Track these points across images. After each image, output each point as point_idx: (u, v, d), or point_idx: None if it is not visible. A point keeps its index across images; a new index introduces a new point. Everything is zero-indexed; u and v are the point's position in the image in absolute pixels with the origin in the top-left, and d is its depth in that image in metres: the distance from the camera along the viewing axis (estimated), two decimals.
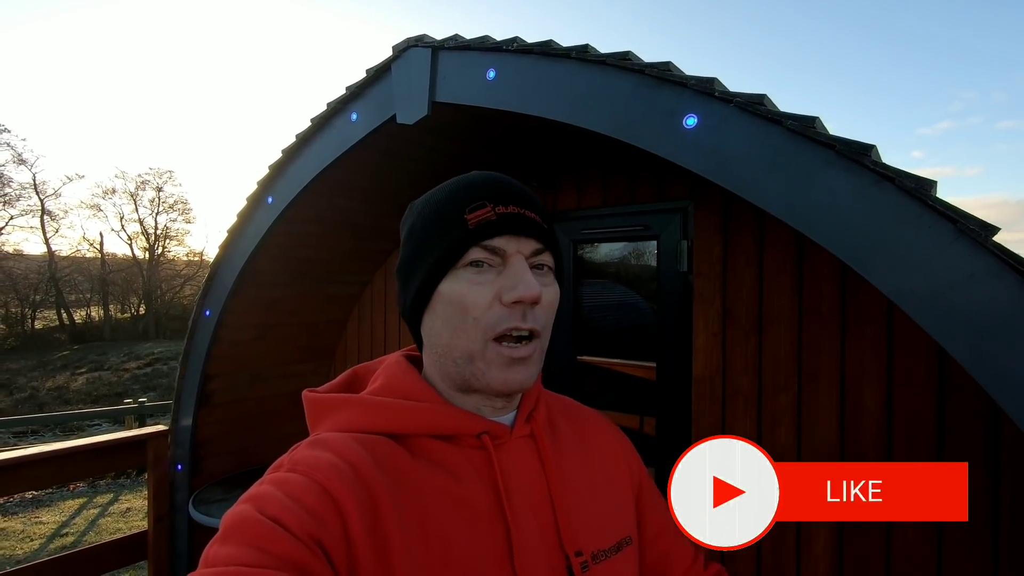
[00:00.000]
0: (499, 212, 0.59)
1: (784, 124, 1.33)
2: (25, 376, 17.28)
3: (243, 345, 2.93)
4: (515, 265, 0.59)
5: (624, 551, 0.66)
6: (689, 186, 2.26)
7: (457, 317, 0.59)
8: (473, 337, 0.58)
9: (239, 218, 2.71)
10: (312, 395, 0.66)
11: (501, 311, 0.58)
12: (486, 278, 0.59)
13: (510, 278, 0.58)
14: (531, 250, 0.60)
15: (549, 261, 0.63)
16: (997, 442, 1.63)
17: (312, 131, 2.46)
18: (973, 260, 1.12)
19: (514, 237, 0.59)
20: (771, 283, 2.06)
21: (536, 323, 0.59)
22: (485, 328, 0.58)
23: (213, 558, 0.46)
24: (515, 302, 0.58)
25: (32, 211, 23.85)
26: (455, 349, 0.60)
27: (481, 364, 0.59)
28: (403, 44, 2.14)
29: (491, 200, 0.60)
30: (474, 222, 0.59)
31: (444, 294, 0.59)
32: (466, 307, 0.58)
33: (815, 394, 1.95)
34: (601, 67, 1.64)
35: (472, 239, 0.58)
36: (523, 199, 0.62)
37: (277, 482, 0.52)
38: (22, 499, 5.75)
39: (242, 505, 0.50)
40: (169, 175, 28.51)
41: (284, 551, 0.46)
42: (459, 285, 0.59)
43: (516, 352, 0.59)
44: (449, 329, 0.60)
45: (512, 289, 0.58)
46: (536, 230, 0.61)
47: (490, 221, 0.59)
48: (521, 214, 0.60)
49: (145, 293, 25.39)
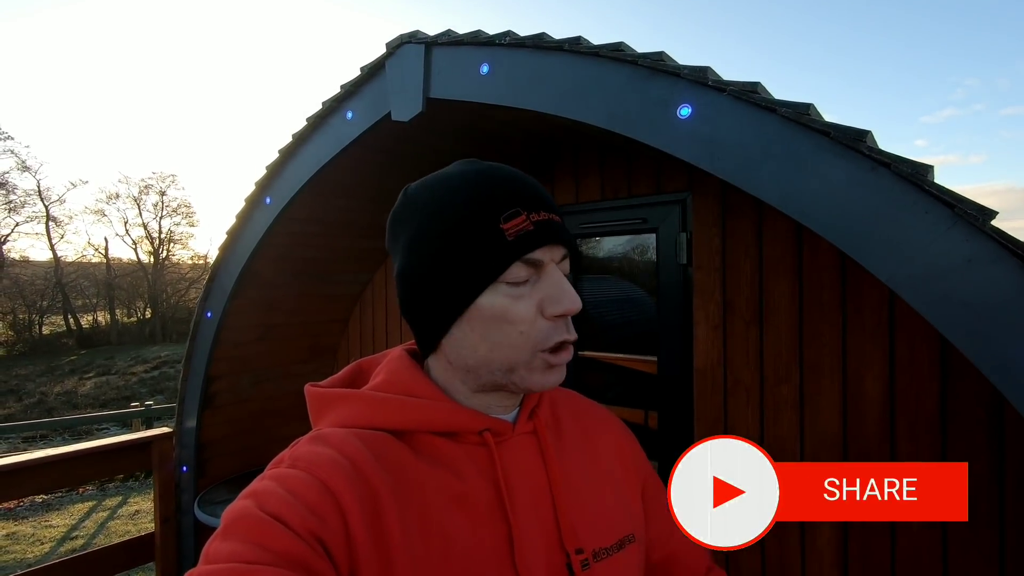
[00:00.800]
0: (534, 220, 0.57)
1: (778, 112, 1.32)
2: (34, 381, 17.42)
3: (245, 346, 2.93)
4: (554, 276, 0.59)
5: (626, 549, 0.65)
6: (687, 177, 2.24)
7: (500, 332, 0.57)
8: (518, 350, 0.58)
9: (238, 219, 2.71)
10: (314, 389, 0.65)
11: (546, 324, 0.58)
12: (524, 290, 0.58)
13: (554, 290, 0.58)
14: (560, 256, 0.60)
15: (568, 267, 0.62)
16: (1000, 429, 1.61)
17: (308, 130, 2.46)
18: (971, 245, 1.11)
19: (549, 247, 0.58)
20: (771, 274, 2.04)
21: (574, 332, 0.60)
22: (535, 342, 0.57)
23: (214, 554, 0.46)
24: (558, 316, 0.57)
25: (37, 217, 24.08)
26: (494, 362, 0.58)
27: (524, 372, 0.59)
28: (396, 41, 2.13)
29: (524, 207, 0.57)
30: (512, 234, 0.56)
31: (484, 309, 0.57)
32: (511, 321, 0.57)
33: (817, 384, 1.94)
34: (594, 59, 1.63)
35: (514, 254, 0.56)
36: (549, 201, 0.60)
37: (277, 478, 0.52)
38: (32, 503, 5.81)
39: (242, 501, 0.50)
40: (172, 179, 28.78)
41: (284, 547, 0.46)
42: (500, 300, 0.57)
43: (559, 359, 0.59)
44: (489, 343, 0.58)
45: (558, 303, 0.57)
46: (565, 236, 0.59)
47: (529, 232, 0.56)
48: (551, 220, 0.58)
49: (150, 297, 25.54)
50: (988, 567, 1.62)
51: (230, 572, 0.43)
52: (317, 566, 0.46)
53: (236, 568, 0.44)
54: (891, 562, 1.76)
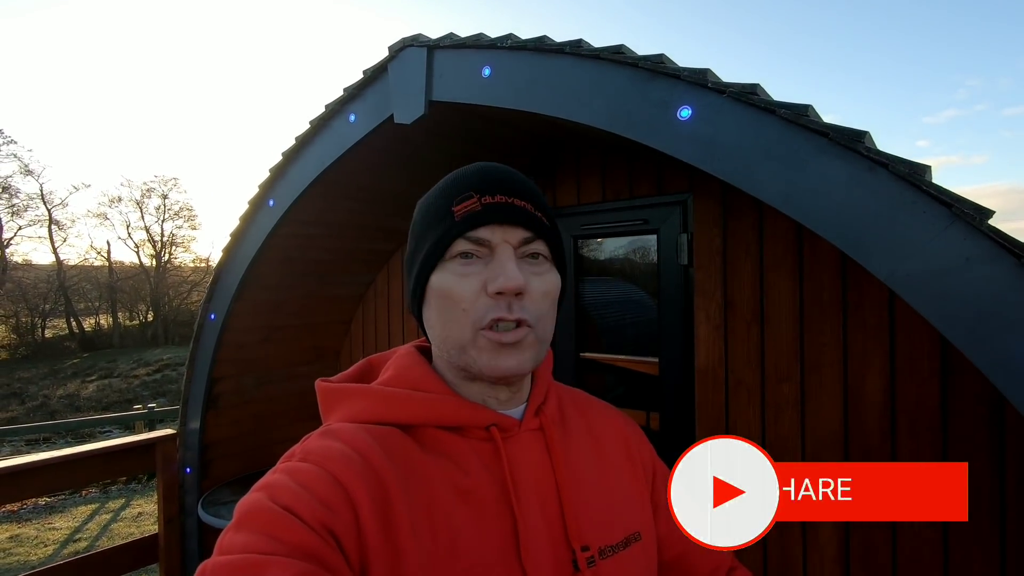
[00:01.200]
0: (485, 202, 0.59)
1: (777, 113, 1.33)
2: (36, 384, 17.44)
3: (249, 347, 2.95)
4: (499, 255, 0.59)
5: (632, 547, 0.65)
6: (688, 178, 2.26)
7: (448, 309, 0.59)
8: (463, 328, 0.59)
9: (241, 221, 2.73)
10: (324, 384, 0.66)
11: (488, 302, 0.58)
12: (473, 269, 0.59)
13: (495, 268, 0.58)
14: (519, 239, 0.60)
15: (543, 249, 0.62)
16: (1001, 427, 1.62)
17: (311, 133, 2.47)
18: (969, 244, 1.12)
19: (500, 226, 0.59)
20: (771, 274, 2.06)
21: (524, 313, 0.58)
22: (474, 319, 0.58)
23: (228, 545, 0.47)
24: (499, 293, 0.58)
25: (40, 221, 24.12)
26: (449, 340, 0.60)
27: (473, 352, 0.59)
28: (399, 44, 2.15)
29: (477, 191, 0.60)
30: (460, 214, 0.59)
31: (434, 287, 0.61)
32: (454, 299, 0.59)
33: (818, 383, 1.95)
34: (595, 61, 1.64)
35: (458, 231, 0.59)
36: (513, 188, 0.61)
37: (289, 471, 0.53)
38: (36, 505, 5.82)
39: (255, 494, 0.51)
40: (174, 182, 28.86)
41: (296, 539, 0.47)
42: (447, 277, 0.60)
43: (504, 337, 0.58)
44: (442, 321, 0.60)
45: (495, 280, 0.58)
46: (524, 218, 0.60)
47: (475, 212, 0.59)
48: (508, 203, 0.60)
49: (153, 300, 25.58)
50: (989, 562, 1.63)
51: (244, 563, 0.44)
52: (329, 557, 0.47)
53: (250, 559, 0.45)
54: (892, 559, 1.77)
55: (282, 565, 0.44)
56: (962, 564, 1.67)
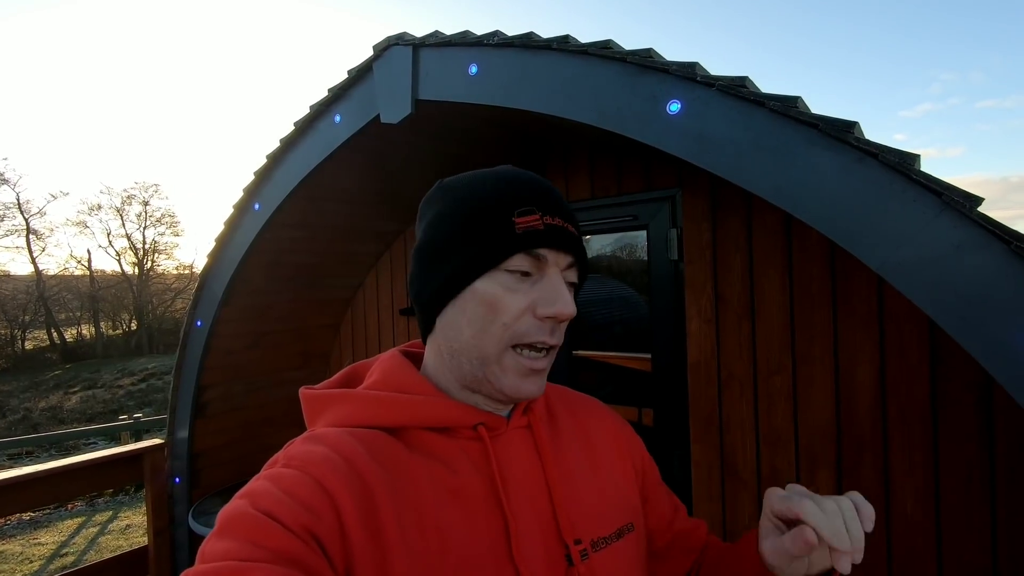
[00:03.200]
0: (547, 222, 0.59)
1: (767, 105, 1.33)
2: (17, 398, 17.09)
3: (237, 354, 2.91)
4: (553, 279, 0.60)
5: (625, 538, 0.66)
6: (676, 173, 2.26)
7: (485, 319, 0.59)
8: (496, 341, 0.59)
9: (226, 226, 2.69)
10: (308, 392, 0.66)
11: (532, 322, 0.58)
12: (522, 286, 0.59)
13: (549, 292, 0.59)
14: (566, 264, 0.61)
15: (575, 278, 0.64)
16: (990, 413, 1.64)
17: (296, 135, 2.44)
18: (959, 231, 1.12)
19: (554, 251, 0.59)
20: (761, 267, 2.07)
21: (559, 339, 0.61)
22: (512, 335, 0.58)
23: (209, 553, 0.46)
24: (548, 317, 0.58)
25: (17, 231, 23.66)
26: (473, 349, 0.60)
27: (496, 369, 0.59)
28: (384, 43, 2.13)
29: (540, 208, 0.60)
30: (522, 227, 0.58)
31: (478, 293, 0.59)
32: (498, 311, 0.58)
33: (809, 374, 1.96)
34: (583, 57, 1.64)
35: (519, 245, 0.58)
36: (566, 212, 0.62)
37: (271, 477, 0.52)
38: (19, 521, 5.69)
39: (237, 501, 0.51)
40: (155, 188, 28.46)
41: (278, 545, 0.46)
42: (495, 288, 0.58)
43: (536, 364, 0.59)
44: (473, 328, 0.59)
45: (551, 304, 0.58)
46: (575, 246, 0.61)
47: (538, 231, 0.58)
48: (565, 228, 0.60)
49: (136, 308, 25.19)
50: (981, 545, 1.65)
51: (225, 570, 0.44)
52: (312, 562, 0.46)
53: (231, 566, 0.44)
54: (887, 543, 1.78)
55: (264, 571, 0.43)
56: (955, 550, 1.69)
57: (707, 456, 2.19)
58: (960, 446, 1.69)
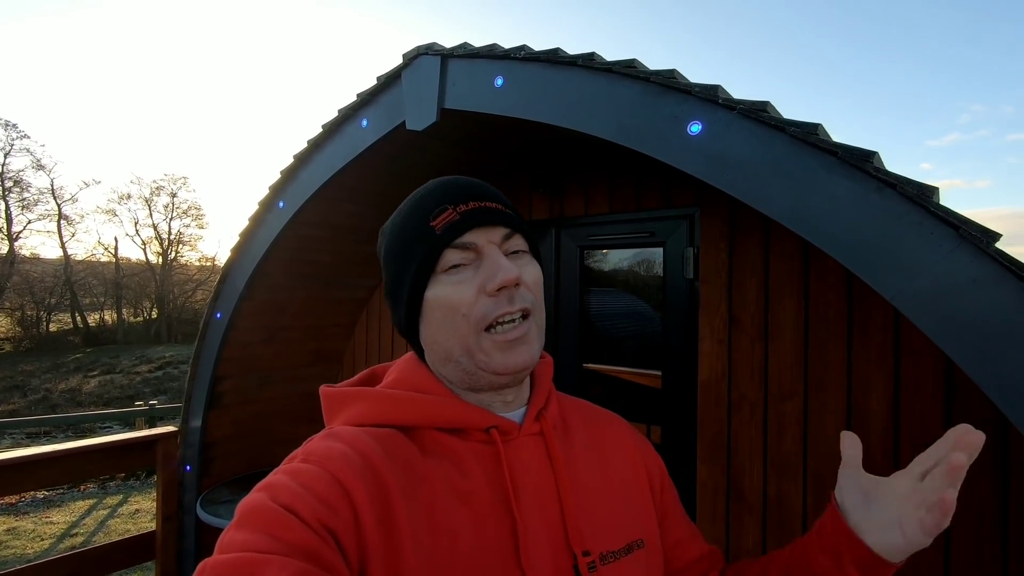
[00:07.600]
0: (461, 211, 0.62)
1: (787, 131, 1.34)
2: (39, 378, 17.52)
3: (253, 347, 2.96)
4: (490, 255, 0.61)
5: (635, 554, 0.65)
6: (695, 193, 2.26)
7: (447, 319, 0.61)
8: (466, 332, 0.60)
9: (251, 222, 2.75)
10: (328, 390, 0.68)
11: (488, 301, 0.60)
12: (465, 276, 0.61)
13: (489, 267, 0.60)
14: (501, 237, 0.63)
15: (522, 244, 0.65)
16: (1006, 448, 1.61)
17: (323, 137, 2.50)
18: (975, 266, 1.12)
19: (481, 229, 0.62)
20: (777, 290, 2.06)
21: (525, 302, 0.61)
22: (476, 321, 0.60)
23: (228, 543, 0.48)
24: (499, 288, 0.60)
25: (49, 216, 24.37)
26: (454, 348, 0.61)
27: (480, 355, 0.60)
28: (413, 52, 2.18)
29: (450, 202, 0.63)
30: (440, 227, 0.61)
31: (431, 300, 0.62)
32: (454, 306, 0.60)
33: (822, 401, 1.94)
34: (607, 74, 1.66)
35: (443, 242, 0.61)
36: (481, 193, 0.64)
37: (291, 472, 0.54)
38: (33, 499, 5.82)
39: (256, 493, 0.52)
40: (184, 181, 28.98)
41: (295, 538, 0.47)
42: (442, 289, 0.61)
43: (511, 334, 0.60)
44: (444, 331, 0.62)
45: (493, 277, 0.60)
46: (501, 217, 0.63)
47: (455, 221, 0.61)
48: (483, 207, 0.63)
49: (158, 297, 25.70)
50: None
51: (243, 561, 0.45)
52: (327, 556, 0.47)
53: (249, 557, 0.45)
54: None
55: (280, 564, 0.45)
56: None
57: (714, 477, 2.17)
58: (972, 483, 1.66)
